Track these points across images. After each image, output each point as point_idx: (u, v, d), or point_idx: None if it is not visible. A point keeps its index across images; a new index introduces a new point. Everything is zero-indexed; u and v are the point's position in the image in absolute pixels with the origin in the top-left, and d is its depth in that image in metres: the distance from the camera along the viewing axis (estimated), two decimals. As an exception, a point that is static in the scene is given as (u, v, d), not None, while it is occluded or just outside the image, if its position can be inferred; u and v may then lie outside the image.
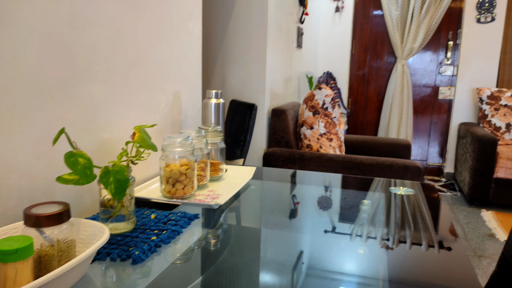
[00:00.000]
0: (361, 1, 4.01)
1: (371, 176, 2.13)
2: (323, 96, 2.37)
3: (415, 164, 2.09)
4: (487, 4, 3.60)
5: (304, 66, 3.44)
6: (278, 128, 2.41)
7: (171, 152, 0.98)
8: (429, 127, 4.02)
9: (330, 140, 2.39)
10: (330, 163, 2.19)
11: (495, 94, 3.41)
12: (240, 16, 2.29)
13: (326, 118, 2.38)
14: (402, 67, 3.80)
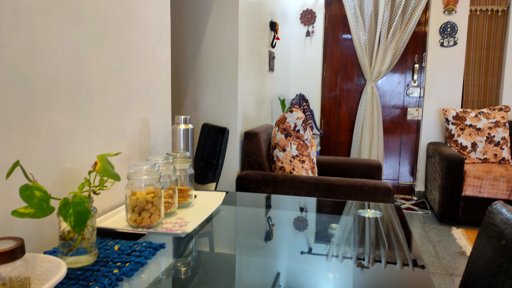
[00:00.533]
0: (330, 26, 4.13)
1: (343, 197, 2.15)
2: (295, 119, 2.41)
3: (385, 185, 2.13)
4: (449, 29, 3.78)
5: (277, 88, 3.49)
6: (251, 151, 2.42)
7: (136, 180, 0.96)
8: (399, 147, 4.12)
9: (303, 162, 2.41)
10: (303, 185, 2.21)
11: (460, 115, 3.54)
12: (211, 41, 2.32)
13: (298, 141, 2.41)
14: (371, 89, 3.91)
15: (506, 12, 3.71)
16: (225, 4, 2.26)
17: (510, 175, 3.06)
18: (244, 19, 2.39)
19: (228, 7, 2.26)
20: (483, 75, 3.84)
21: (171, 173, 1.09)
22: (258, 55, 2.77)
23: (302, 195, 2.20)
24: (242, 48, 2.36)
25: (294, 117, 2.41)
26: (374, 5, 3.81)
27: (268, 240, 0.94)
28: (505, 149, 3.43)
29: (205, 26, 2.31)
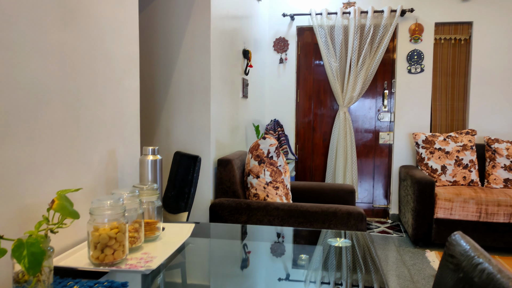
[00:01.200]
0: (303, 53, 4.24)
1: (316, 223, 2.15)
2: (268, 146, 2.42)
3: (357, 210, 2.15)
4: (416, 57, 3.93)
5: (251, 114, 3.52)
6: (225, 178, 2.40)
7: (99, 215, 0.93)
8: (373, 170, 4.19)
9: (277, 189, 2.41)
10: (277, 212, 2.20)
11: (429, 139, 3.65)
12: (183, 70, 2.33)
13: (271, 167, 2.42)
14: (344, 114, 3.99)
15: (468, 40, 3.90)
16: (197, 34, 2.29)
17: (479, 197, 3.14)
18: (216, 48, 2.43)
19: (199, 36, 2.29)
20: (450, 100, 3.99)
21: (137, 207, 1.07)
22: (231, 83, 2.80)
23: (276, 222, 2.19)
24: (214, 76, 2.39)
25: (267, 144, 2.43)
26: (344, 34, 3.94)
27: (244, 268, 0.92)
28: (473, 171, 3.53)
29: (177, 55, 2.32)
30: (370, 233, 3.70)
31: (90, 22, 1.13)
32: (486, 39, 3.81)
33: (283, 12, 4.12)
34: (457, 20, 3.85)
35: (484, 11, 3.79)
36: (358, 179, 4.22)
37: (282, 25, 4.17)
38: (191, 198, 1.95)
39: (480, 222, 3.16)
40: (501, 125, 3.84)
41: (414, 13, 3.91)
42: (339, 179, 3.99)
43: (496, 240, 3.15)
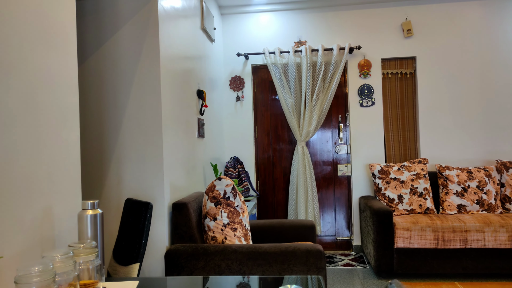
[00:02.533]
0: (259, 90, 4.31)
1: (276, 264, 2.11)
2: (224, 186, 2.38)
3: (316, 248, 2.13)
4: (366, 91, 4.10)
5: (209, 153, 3.49)
6: (180, 222, 2.33)
7: (25, 284, 0.86)
8: (334, 203, 4.23)
9: (235, 230, 2.35)
10: (235, 255, 2.14)
11: (384, 169, 3.75)
12: (133, 113, 2.29)
13: (228, 208, 2.37)
14: (302, 149, 4.05)
15: (413, 74, 4.13)
16: (147, 76, 2.27)
17: (435, 225, 3.22)
18: (168, 89, 2.41)
19: (149, 79, 2.27)
20: (401, 131, 4.15)
21: (71, 269, 0.99)
22: (186, 123, 2.78)
23: (235, 266, 2.13)
24: (166, 118, 2.36)
25: (223, 185, 2.39)
26: (297, 71, 4.07)
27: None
28: (428, 199, 3.64)
29: (127, 99, 2.28)
30: (334, 266, 3.68)
31: (21, 74, 1.08)
32: (429, 73, 4.05)
33: (238, 52, 4.21)
34: (401, 55, 4.08)
35: (425, 47, 4.04)
36: (320, 212, 4.24)
37: (237, 64, 4.25)
38: (142, 248, 1.86)
39: (438, 249, 3.22)
40: (450, 152, 4.02)
41: (361, 50, 4.11)
42: (301, 213, 3.99)
43: (455, 267, 3.21)
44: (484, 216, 3.32)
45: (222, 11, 4.22)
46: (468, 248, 3.19)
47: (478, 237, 3.16)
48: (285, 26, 4.22)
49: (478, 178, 3.60)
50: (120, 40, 2.29)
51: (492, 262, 3.18)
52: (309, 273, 2.09)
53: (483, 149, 3.99)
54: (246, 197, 3.96)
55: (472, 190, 3.57)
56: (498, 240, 3.15)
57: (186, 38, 2.88)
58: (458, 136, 4.02)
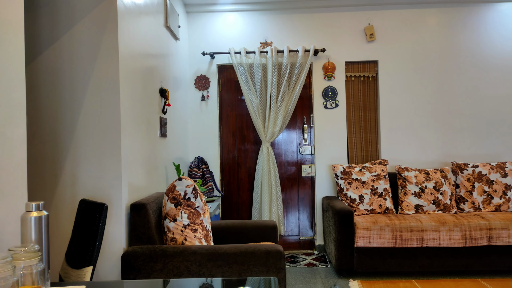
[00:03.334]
0: (224, 90, 4.29)
1: (236, 265, 2.09)
2: (184, 187, 2.35)
3: (276, 249, 2.14)
4: (330, 93, 4.17)
5: (172, 153, 3.43)
6: (139, 223, 2.27)
7: (-45, 291, 0.80)
8: (298, 203, 4.27)
9: (195, 231, 2.32)
10: (194, 257, 2.11)
11: (347, 170, 3.82)
12: (91, 111, 2.21)
13: (189, 209, 2.34)
14: (267, 149, 4.06)
15: (375, 78, 4.23)
16: (105, 73, 2.20)
17: (394, 224, 3.31)
18: (128, 87, 2.35)
19: (108, 76, 2.20)
20: (363, 132, 4.25)
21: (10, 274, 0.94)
22: (147, 122, 2.72)
23: (194, 267, 2.10)
24: (125, 117, 2.30)
25: (183, 185, 2.36)
26: (263, 72, 4.08)
27: None
28: (387, 199, 3.74)
29: (83, 97, 2.21)
30: (297, 266, 3.72)
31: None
32: (390, 77, 4.16)
33: (203, 51, 4.17)
34: (364, 59, 4.18)
35: (387, 51, 4.16)
36: (284, 212, 4.27)
37: (202, 63, 4.21)
38: (96, 251, 1.80)
39: (396, 248, 3.32)
40: (410, 154, 4.15)
41: (326, 52, 4.17)
42: (265, 214, 4.00)
43: (412, 265, 3.31)
44: (439, 216, 3.45)
45: (188, 9, 4.17)
46: (424, 246, 3.30)
47: (433, 236, 3.28)
48: (252, 26, 4.22)
49: (435, 179, 3.73)
50: (77, 35, 2.21)
51: (446, 260, 3.30)
52: (268, 273, 2.10)
53: (440, 151, 4.15)
54: (210, 197, 3.93)
55: (429, 190, 3.70)
56: (452, 239, 3.28)
57: (149, 36, 2.82)
58: (417, 138, 4.16)
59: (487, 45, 4.14)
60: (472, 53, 4.14)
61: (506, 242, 3.25)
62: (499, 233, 3.25)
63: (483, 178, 3.74)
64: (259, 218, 4.07)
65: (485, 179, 3.73)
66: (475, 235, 3.27)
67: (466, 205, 3.73)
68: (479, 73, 4.14)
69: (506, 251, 3.27)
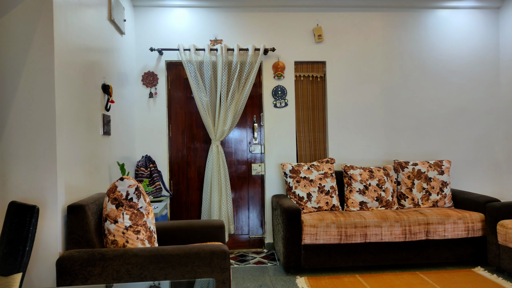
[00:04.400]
0: (173, 88, 4.20)
1: (179, 267, 2.05)
2: (126, 187, 2.26)
3: (221, 249, 2.11)
4: (280, 92, 4.20)
5: (117, 152, 3.31)
6: (76, 226, 2.16)
7: None
8: (248, 202, 4.27)
9: (138, 233, 2.25)
10: (136, 259, 2.04)
11: (295, 168, 3.87)
12: (23, 108, 2.07)
13: (131, 210, 2.26)
14: (216, 148, 4.02)
15: (323, 78, 4.33)
16: (38, 68, 2.07)
17: (339, 221, 3.40)
18: (65, 82, 2.22)
19: (42, 70, 2.07)
20: (312, 131, 4.33)
21: None
22: (88, 120, 2.59)
23: (135, 270, 2.03)
24: (62, 113, 2.17)
25: (125, 185, 2.27)
26: (213, 70, 4.03)
27: None
28: (334, 197, 3.84)
29: (14, 93, 2.06)
30: (246, 265, 3.72)
31: None
32: (337, 77, 4.28)
33: (151, 47, 4.05)
34: (313, 59, 4.26)
35: (334, 52, 4.26)
36: (234, 211, 4.25)
37: (150, 60, 4.09)
38: (26, 256, 1.69)
39: (342, 244, 3.41)
40: (355, 153, 4.29)
41: (276, 52, 4.21)
42: (214, 213, 3.96)
43: (356, 260, 3.42)
44: (382, 212, 3.60)
45: (135, 3, 4.03)
46: (367, 242, 3.42)
47: (376, 232, 3.41)
48: (201, 23, 4.16)
49: (378, 177, 3.88)
50: (7, 26, 2.06)
51: (388, 255, 3.45)
52: (213, 274, 2.07)
53: (384, 150, 4.32)
54: (158, 197, 3.83)
55: (372, 188, 3.84)
56: (393, 234, 3.42)
57: (90, 29, 2.68)
58: (363, 137, 4.30)
59: (427, 49, 4.36)
60: (413, 57, 4.35)
61: (442, 236, 3.45)
62: (435, 227, 3.44)
63: (422, 176, 3.94)
64: (208, 217, 4.02)
65: (424, 177, 3.94)
66: (414, 230, 3.43)
67: (406, 201, 3.92)
68: (419, 76, 4.36)
69: (442, 245, 3.47)
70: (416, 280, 3.18)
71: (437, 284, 3.06)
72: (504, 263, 3.18)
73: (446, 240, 3.47)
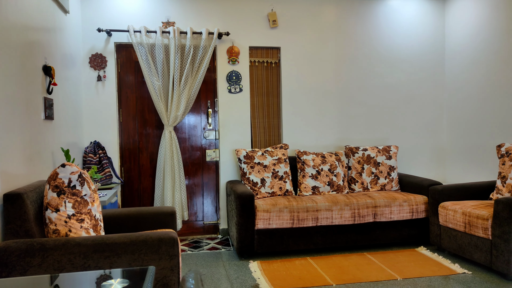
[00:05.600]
0: (123, 71, 4.04)
1: (125, 255, 1.99)
2: (69, 174, 2.16)
3: (169, 235, 2.08)
4: (234, 78, 4.16)
5: (61, 138, 3.14)
6: (14, 216, 2.04)
7: None
8: (202, 188, 4.24)
9: (81, 221, 2.16)
10: (78, 249, 1.96)
11: (249, 154, 3.88)
12: None
13: (74, 198, 2.16)
14: (169, 134, 3.94)
15: (278, 64, 4.34)
16: (-34, 45, 1.90)
17: (292, 205, 3.46)
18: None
19: (-30, 49, 1.91)
20: (266, 117, 4.34)
21: None
22: (27, 103, 2.44)
23: (78, 260, 1.95)
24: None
25: (67, 172, 2.16)
26: (165, 53, 3.91)
27: None
28: (287, 182, 3.89)
29: None
30: (200, 251, 3.71)
31: None
32: (291, 63, 4.30)
33: (99, 27, 3.86)
34: (267, 45, 4.24)
35: (289, 38, 4.27)
36: (189, 197, 4.21)
37: (98, 41, 3.90)
38: (-48, 249, 1.57)
39: (294, 228, 3.48)
40: (308, 138, 4.36)
41: (230, 36, 4.15)
42: (168, 200, 3.90)
43: (307, 243, 3.51)
44: (333, 196, 3.69)
45: (81, -20, 3.81)
46: (319, 225, 3.51)
47: (327, 216, 3.50)
48: (153, 4, 4.01)
49: (330, 162, 3.97)
50: None
51: (338, 237, 3.56)
52: (161, 261, 2.04)
53: (336, 136, 4.42)
54: (108, 184, 3.71)
55: (324, 173, 3.93)
56: (343, 217, 3.53)
57: (28, 6, 2.50)
58: (316, 123, 4.37)
59: (378, 38, 4.47)
60: (364, 45, 4.45)
61: (388, 218, 3.60)
62: (382, 210, 3.59)
63: (371, 161, 4.08)
64: (161, 204, 3.95)
65: (373, 162, 4.08)
66: (362, 213, 3.56)
67: (356, 185, 4.05)
68: (370, 64, 4.47)
69: (388, 226, 3.63)
70: (364, 260, 3.31)
71: (383, 264, 3.21)
72: (444, 243, 3.38)
73: (392, 222, 3.63)
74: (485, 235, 2.93)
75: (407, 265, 3.18)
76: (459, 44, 4.40)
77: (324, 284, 2.84)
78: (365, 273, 3.01)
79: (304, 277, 2.96)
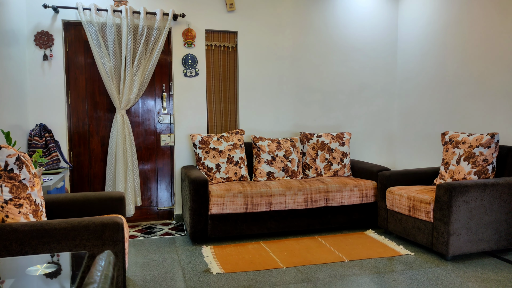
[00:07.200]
0: (72, 50, 3.85)
1: (65, 242, 1.92)
2: (5, 157, 2.04)
3: (113, 221, 2.03)
4: (190, 61, 4.08)
5: (3, 120, 2.96)
6: None
7: None
8: (156, 173, 4.16)
9: (20, 206, 2.05)
10: (15, 235, 1.87)
11: (205, 139, 3.84)
12: None
13: (11, 182, 2.05)
14: (122, 117, 3.81)
15: (235, 48, 4.29)
16: None
17: (246, 191, 3.47)
18: None
19: None
20: (223, 102, 4.30)
21: None
22: (-42, 81, 2.26)
23: (14, 246, 1.86)
24: None
25: (4, 155, 2.04)
26: (117, 33, 3.76)
27: None
28: (243, 167, 3.89)
29: None
30: (153, 236, 3.65)
31: None
32: (248, 48, 4.26)
33: (44, 3, 3.63)
34: (224, 29, 4.18)
35: (246, 23, 4.23)
36: (143, 182, 4.12)
37: (44, 18, 3.68)
38: None
39: (248, 213, 3.50)
40: (264, 124, 4.37)
41: (186, 18, 4.05)
42: (120, 185, 3.79)
43: (261, 227, 3.54)
44: (287, 182, 3.74)
45: (24, -49, 3.56)
46: (272, 210, 3.55)
47: (280, 200, 3.55)
48: (104, -19, 3.82)
49: (285, 148, 4.01)
50: None
51: (291, 221, 3.62)
52: (104, 247, 1.98)
53: (292, 122, 4.47)
54: (55, 169, 3.56)
55: (279, 158, 3.96)
56: (296, 202, 3.59)
57: (-42, -26, 2.30)
58: (272, 109, 4.39)
59: (334, 27, 4.52)
60: (321, 33, 4.49)
61: (339, 202, 3.71)
62: (334, 195, 3.68)
63: (325, 147, 4.16)
64: (113, 190, 3.84)
65: (327, 148, 4.16)
66: (315, 198, 3.64)
67: (310, 171, 4.12)
68: (326, 52, 4.52)
69: (339, 211, 3.74)
70: (315, 243, 3.40)
71: (332, 246, 3.31)
72: (391, 226, 3.53)
73: (343, 206, 3.74)
74: (428, 218, 3.08)
75: (355, 247, 3.29)
76: (411, 35, 4.54)
77: (274, 267, 2.88)
78: (315, 256, 3.09)
79: (256, 261, 3.00)
